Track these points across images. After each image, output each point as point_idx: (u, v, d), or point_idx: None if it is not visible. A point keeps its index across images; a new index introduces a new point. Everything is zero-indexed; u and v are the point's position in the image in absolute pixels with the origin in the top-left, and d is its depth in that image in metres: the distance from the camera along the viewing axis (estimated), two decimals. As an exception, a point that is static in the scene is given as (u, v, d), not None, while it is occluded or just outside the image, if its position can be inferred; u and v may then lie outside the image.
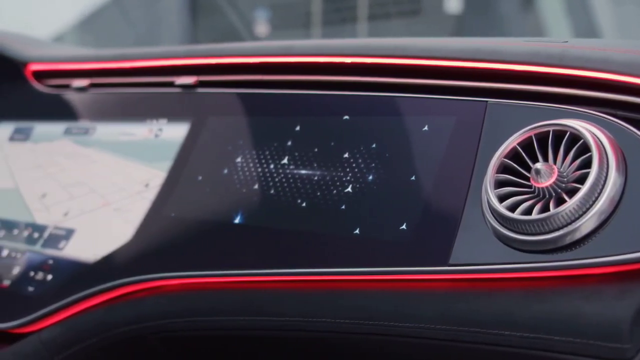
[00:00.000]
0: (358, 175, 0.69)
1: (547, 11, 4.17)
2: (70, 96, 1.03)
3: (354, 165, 0.70)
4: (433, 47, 0.70)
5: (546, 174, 0.58)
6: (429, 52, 0.70)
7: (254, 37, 4.25)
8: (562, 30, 3.89)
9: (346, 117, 0.73)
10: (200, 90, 0.87)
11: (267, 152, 0.76)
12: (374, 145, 0.69)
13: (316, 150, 0.72)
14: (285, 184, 0.73)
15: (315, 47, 0.78)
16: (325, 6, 4.28)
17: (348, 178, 0.69)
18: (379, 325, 0.62)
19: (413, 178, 0.65)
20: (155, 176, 0.84)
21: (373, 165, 0.68)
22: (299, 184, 0.72)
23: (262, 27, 4.30)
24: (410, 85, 0.71)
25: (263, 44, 0.84)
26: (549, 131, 0.60)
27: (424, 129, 0.67)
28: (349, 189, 0.68)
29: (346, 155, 0.70)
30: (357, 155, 0.70)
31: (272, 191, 0.73)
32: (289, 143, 0.75)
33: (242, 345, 0.75)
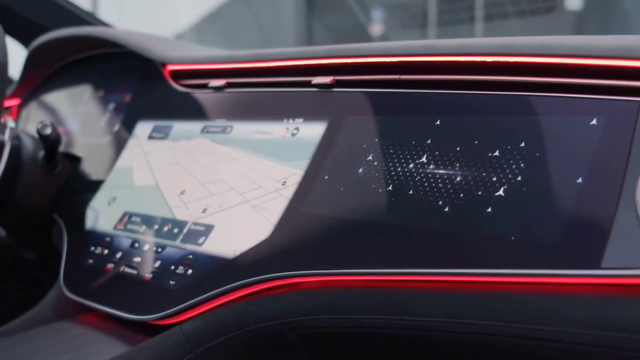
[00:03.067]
0: (502, 176, 0.67)
1: (674, 7, 4.00)
2: (207, 95, 1.05)
3: (496, 166, 0.68)
4: (581, 45, 0.68)
5: None
6: (577, 51, 0.68)
7: (370, 36, 4.25)
8: (689, 27, 3.73)
9: (488, 116, 0.72)
10: (337, 89, 0.88)
11: (406, 152, 0.76)
12: (521, 145, 0.67)
13: (458, 150, 0.72)
14: (426, 184, 0.72)
15: (457, 46, 0.77)
16: (441, 6, 4.25)
17: (492, 179, 0.68)
18: (523, 328, 0.61)
19: (562, 179, 0.64)
20: (292, 174, 0.85)
21: (519, 166, 0.67)
22: (439, 184, 0.71)
23: (378, 26, 4.30)
24: (556, 85, 0.69)
25: (402, 43, 0.84)
26: None
27: (572, 129, 0.65)
28: (494, 190, 0.67)
29: (490, 155, 0.69)
30: (501, 156, 0.68)
31: (411, 191, 0.73)
32: (428, 143, 0.75)
33: (381, 345, 0.75)
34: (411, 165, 0.75)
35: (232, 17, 5.34)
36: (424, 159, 0.74)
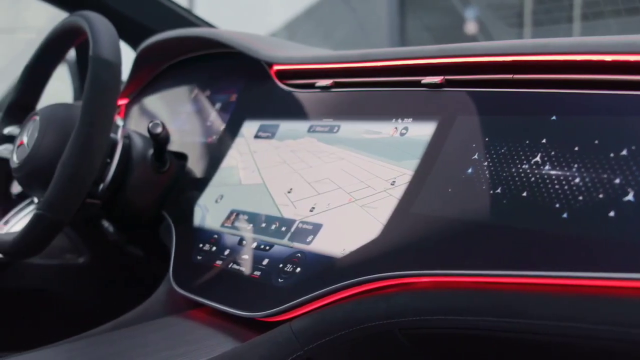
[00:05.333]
0: (623, 177, 0.66)
1: None
2: (314, 95, 1.06)
3: (616, 167, 0.66)
4: None
5: None
6: None
7: (472, 35, 4.21)
8: None
9: (609, 116, 0.70)
10: (447, 89, 0.87)
11: (520, 152, 0.75)
12: (645, 147, 0.65)
13: (576, 150, 0.70)
14: (541, 185, 0.71)
15: (573, 44, 0.76)
16: (537, 6, 4.16)
17: (614, 181, 0.66)
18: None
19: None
20: (401, 174, 0.85)
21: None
22: (556, 185, 0.70)
23: (479, 25, 4.25)
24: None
25: (514, 42, 0.82)
26: None
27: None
28: (617, 192, 0.65)
29: (612, 156, 0.67)
30: (625, 157, 0.66)
31: (524, 192, 0.72)
32: (543, 143, 0.73)
33: (490, 347, 0.74)
34: (525, 166, 0.73)
35: (324, 15, 5.37)
36: (538, 160, 0.73)
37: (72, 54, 1.63)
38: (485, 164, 0.77)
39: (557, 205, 0.68)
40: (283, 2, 5.70)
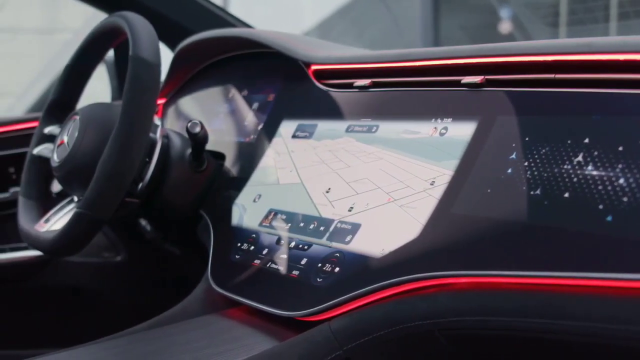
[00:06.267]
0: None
1: None
2: (352, 95, 1.06)
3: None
4: None
5: None
6: None
7: (501, 33, 4.18)
8: None
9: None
10: (488, 89, 0.87)
11: (562, 153, 0.74)
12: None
13: (620, 150, 0.69)
14: (584, 185, 0.70)
15: (616, 43, 0.75)
16: (576, 5, 4.13)
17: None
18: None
19: None
20: (441, 174, 0.85)
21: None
22: (599, 187, 0.69)
23: (509, 25, 4.22)
24: None
25: (556, 41, 0.82)
26: None
27: None
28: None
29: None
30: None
31: (566, 194, 0.71)
32: (586, 143, 0.72)
33: (532, 349, 0.74)
34: (567, 167, 0.73)
35: (357, 15, 5.37)
36: (580, 160, 0.72)
37: (110, 53, 1.65)
38: (526, 164, 0.76)
39: (601, 207, 0.68)
40: (316, 1, 5.71)
